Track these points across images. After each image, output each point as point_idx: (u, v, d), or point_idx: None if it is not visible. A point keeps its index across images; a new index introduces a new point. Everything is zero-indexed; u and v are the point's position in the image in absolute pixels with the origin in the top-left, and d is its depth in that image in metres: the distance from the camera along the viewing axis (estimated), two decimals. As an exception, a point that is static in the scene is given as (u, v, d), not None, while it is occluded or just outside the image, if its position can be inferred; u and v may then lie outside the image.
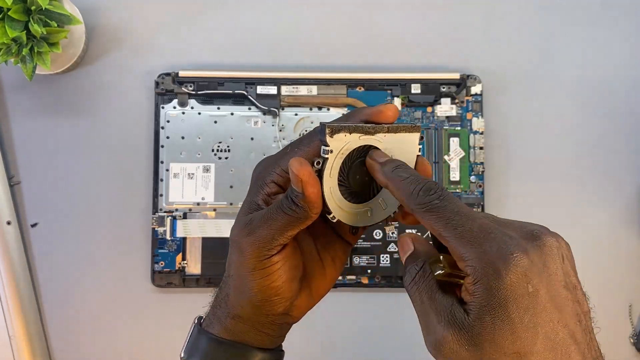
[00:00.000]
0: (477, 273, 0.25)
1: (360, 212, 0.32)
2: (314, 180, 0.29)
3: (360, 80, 0.64)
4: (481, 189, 0.63)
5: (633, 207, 0.65)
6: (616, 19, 0.66)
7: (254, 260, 0.31)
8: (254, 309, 0.33)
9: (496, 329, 0.24)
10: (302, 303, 0.34)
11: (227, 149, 0.63)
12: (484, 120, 0.64)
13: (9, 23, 0.53)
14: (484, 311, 0.25)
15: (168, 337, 0.63)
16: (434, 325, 0.26)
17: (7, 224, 0.61)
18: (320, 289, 0.35)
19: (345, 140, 0.30)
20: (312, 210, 0.30)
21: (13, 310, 0.61)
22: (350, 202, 0.32)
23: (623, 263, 0.65)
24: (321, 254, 0.35)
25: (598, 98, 0.66)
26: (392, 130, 0.31)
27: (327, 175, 0.30)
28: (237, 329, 0.34)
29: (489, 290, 0.25)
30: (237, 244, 0.32)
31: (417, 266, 0.28)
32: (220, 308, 0.34)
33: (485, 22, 0.66)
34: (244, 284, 0.32)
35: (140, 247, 0.63)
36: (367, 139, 0.31)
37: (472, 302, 0.25)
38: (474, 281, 0.25)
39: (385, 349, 0.63)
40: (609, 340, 0.64)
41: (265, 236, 0.30)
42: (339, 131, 0.30)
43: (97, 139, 0.64)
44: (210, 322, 0.35)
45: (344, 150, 0.30)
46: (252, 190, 0.33)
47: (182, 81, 0.63)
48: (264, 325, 0.34)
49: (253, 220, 0.31)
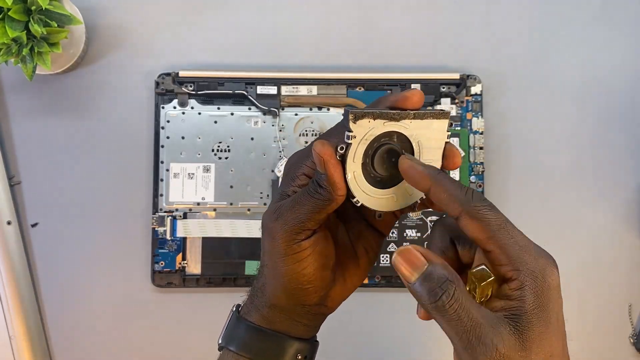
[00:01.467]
0: (526, 278, 0.27)
1: (385, 198, 0.32)
2: (336, 161, 0.30)
3: (360, 80, 0.64)
4: (481, 189, 0.63)
5: (633, 207, 0.65)
6: (616, 19, 0.66)
7: (284, 244, 0.32)
8: (289, 297, 0.33)
9: (542, 330, 0.26)
10: (337, 293, 0.34)
11: (227, 149, 0.63)
12: (484, 120, 0.64)
13: (9, 23, 0.53)
14: (533, 314, 0.26)
15: (168, 337, 0.63)
16: (490, 337, 0.26)
17: (7, 224, 0.61)
18: (354, 279, 0.35)
19: (369, 127, 0.30)
20: (336, 191, 0.30)
21: (13, 310, 0.61)
22: (375, 187, 0.32)
23: (623, 263, 0.65)
24: (354, 244, 0.35)
25: (598, 98, 0.66)
26: (419, 117, 0.31)
27: (351, 160, 0.30)
28: (274, 318, 0.34)
29: (537, 295, 0.27)
30: (268, 229, 0.33)
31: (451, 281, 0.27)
32: (257, 297, 0.35)
33: (485, 22, 0.66)
34: (277, 270, 0.33)
35: (141, 247, 0.63)
36: (392, 125, 0.31)
37: (519, 307, 0.26)
38: (519, 286, 0.27)
39: (385, 348, 0.63)
40: (609, 340, 0.64)
41: (293, 219, 0.31)
42: (362, 117, 0.30)
43: (97, 139, 0.64)
44: (248, 310, 0.35)
45: (367, 136, 0.30)
46: (283, 182, 0.34)
47: (182, 81, 0.63)
48: (300, 315, 0.34)
49: (282, 206, 0.32)
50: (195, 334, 0.63)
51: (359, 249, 0.35)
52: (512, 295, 0.27)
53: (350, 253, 0.35)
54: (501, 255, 0.27)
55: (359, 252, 0.35)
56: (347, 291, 0.35)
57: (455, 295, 0.26)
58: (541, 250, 0.28)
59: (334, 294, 0.34)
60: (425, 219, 0.63)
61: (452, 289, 0.27)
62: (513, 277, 0.27)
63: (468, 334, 0.26)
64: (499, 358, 0.26)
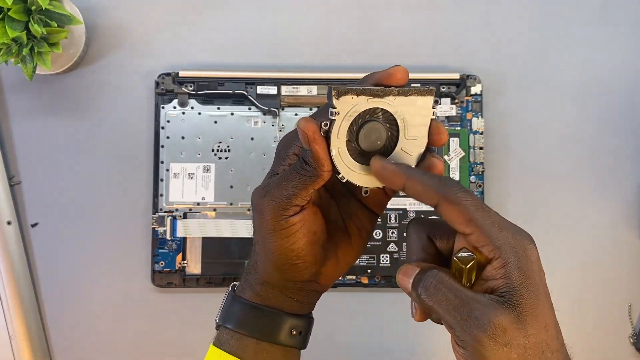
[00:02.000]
0: (508, 255, 0.27)
1: (370, 174, 0.32)
2: (320, 137, 0.30)
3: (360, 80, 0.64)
4: (481, 189, 0.63)
5: (633, 207, 0.65)
6: (616, 19, 0.66)
7: (272, 220, 0.32)
8: (279, 273, 0.34)
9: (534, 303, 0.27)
10: (329, 271, 0.35)
11: (227, 149, 0.63)
12: (484, 120, 0.64)
13: (9, 23, 0.53)
14: (522, 288, 0.27)
15: (168, 337, 0.63)
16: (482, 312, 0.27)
17: (7, 224, 0.61)
18: (347, 257, 0.36)
19: (353, 103, 0.30)
20: (321, 167, 0.31)
21: (13, 310, 0.61)
22: (361, 163, 0.32)
23: (623, 263, 0.65)
24: (347, 223, 0.36)
25: (598, 98, 0.66)
26: (403, 94, 0.31)
27: (335, 136, 0.31)
28: (267, 294, 0.35)
29: (521, 270, 0.27)
30: (257, 206, 0.33)
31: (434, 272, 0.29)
32: (250, 275, 0.36)
33: (485, 22, 0.66)
34: (267, 245, 0.33)
35: (141, 247, 0.63)
36: (376, 101, 0.31)
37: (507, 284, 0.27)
38: (504, 264, 0.27)
39: (385, 348, 0.63)
40: (609, 340, 0.64)
41: (280, 195, 0.32)
42: (345, 93, 0.30)
43: (98, 139, 0.64)
44: (243, 288, 0.36)
45: (351, 113, 0.31)
46: (274, 162, 0.35)
47: (182, 81, 0.63)
48: (293, 292, 0.35)
49: (270, 184, 0.33)
50: (195, 334, 0.63)
51: (351, 228, 0.36)
52: (497, 274, 0.28)
53: (342, 231, 0.36)
54: (481, 236, 0.28)
55: (352, 231, 0.36)
56: (340, 269, 0.36)
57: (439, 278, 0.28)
58: (517, 227, 0.29)
59: (326, 272, 0.35)
60: (425, 219, 0.62)
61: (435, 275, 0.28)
62: (495, 256, 0.28)
63: (461, 312, 0.27)
64: (495, 331, 0.26)
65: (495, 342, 0.26)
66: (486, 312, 0.27)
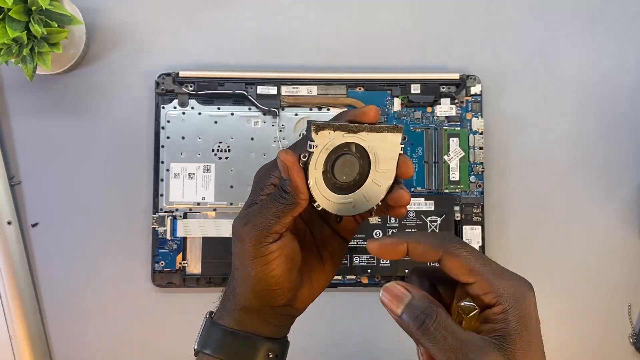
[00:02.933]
0: (509, 302, 0.29)
1: (343, 203, 0.35)
2: (298, 168, 0.33)
3: (360, 81, 0.64)
4: (481, 189, 0.63)
5: (633, 207, 0.65)
6: (615, 19, 0.66)
7: (253, 248, 0.34)
8: (258, 299, 0.35)
9: (526, 350, 0.28)
10: (304, 295, 0.37)
11: (227, 149, 0.63)
12: (484, 120, 0.64)
13: (10, 23, 0.53)
14: (516, 334, 0.28)
15: (168, 337, 0.63)
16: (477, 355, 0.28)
17: (7, 224, 0.61)
18: (321, 281, 0.38)
19: (330, 137, 0.33)
20: (299, 195, 0.33)
21: (13, 310, 0.61)
22: (335, 193, 0.34)
23: (623, 263, 0.65)
24: (320, 249, 0.38)
25: (597, 98, 0.66)
26: (375, 130, 0.34)
27: (312, 167, 0.33)
28: (245, 319, 0.36)
29: (518, 317, 0.29)
30: (238, 234, 0.35)
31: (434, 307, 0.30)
32: (229, 301, 0.37)
33: (484, 22, 0.66)
34: (247, 272, 0.35)
35: (141, 247, 0.63)
36: (351, 137, 0.33)
37: (503, 329, 0.29)
38: (503, 310, 0.29)
39: (385, 348, 0.63)
40: (609, 340, 0.64)
41: (261, 224, 0.34)
42: (323, 128, 0.33)
43: (98, 139, 0.64)
44: (221, 314, 0.37)
45: (328, 146, 0.33)
46: (252, 192, 0.36)
47: (183, 81, 0.63)
48: (269, 316, 0.36)
49: (250, 212, 0.35)
50: (195, 334, 0.63)
51: (324, 254, 0.38)
52: (497, 319, 0.29)
53: (316, 258, 0.38)
54: (483, 284, 0.30)
55: (325, 257, 0.38)
56: (314, 293, 0.37)
57: (439, 318, 0.29)
58: (517, 276, 0.31)
59: (301, 296, 0.36)
60: (424, 218, 0.63)
61: (434, 313, 0.29)
62: (497, 302, 0.29)
63: (455, 352, 0.28)
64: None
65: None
66: (480, 354, 0.28)
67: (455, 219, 0.63)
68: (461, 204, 0.63)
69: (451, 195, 0.63)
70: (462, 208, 0.63)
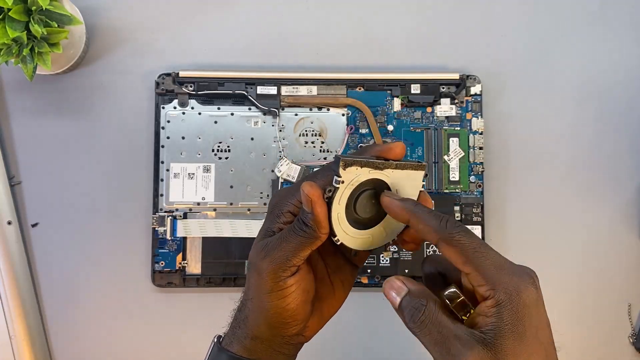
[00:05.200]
0: (502, 297, 0.28)
1: (363, 238, 0.35)
2: (322, 202, 0.32)
3: (360, 81, 0.64)
4: (480, 189, 0.63)
5: (633, 207, 0.65)
6: (615, 19, 0.66)
7: (271, 281, 0.33)
8: (271, 329, 0.35)
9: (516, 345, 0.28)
10: (314, 324, 0.37)
11: (227, 149, 0.63)
12: (484, 120, 0.64)
13: (10, 23, 0.53)
14: (507, 329, 0.28)
15: (168, 337, 0.63)
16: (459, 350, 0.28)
17: (7, 224, 0.61)
18: (331, 309, 0.38)
19: (356, 173, 0.33)
20: (320, 229, 0.32)
21: (13, 310, 0.61)
22: (355, 228, 0.34)
23: (623, 263, 0.65)
24: (332, 277, 0.38)
25: (597, 97, 0.66)
26: (400, 167, 0.34)
27: (337, 202, 0.33)
28: (255, 348, 0.36)
29: (512, 312, 0.28)
30: (255, 266, 0.34)
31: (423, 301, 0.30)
32: (239, 329, 0.36)
33: (484, 22, 0.66)
34: (262, 305, 0.34)
35: (141, 247, 0.63)
36: (377, 173, 0.34)
37: (494, 323, 0.28)
38: (496, 304, 0.28)
39: (385, 348, 0.63)
40: (609, 340, 0.64)
41: (280, 257, 0.33)
42: (351, 164, 0.33)
43: (98, 139, 0.64)
44: (230, 341, 0.37)
45: (354, 182, 0.33)
46: (268, 219, 0.36)
47: (183, 81, 0.63)
48: (280, 346, 0.36)
49: (269, 244, 0.34)
50: (195, 334, 0.63)
51: (335, 282, 0.38)
52: (489, 312, 0.29)
53: (328, 286, 0.37)
54: (478, 276, 0.29)
55: (336, 285, 0.38)
56: (324, 321, 0.37)
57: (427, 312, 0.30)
58: (518, 268, 0.30)
59: (312, 325, 0.36)
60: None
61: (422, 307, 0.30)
62: (490, 295, 0.29)
63: (440, 347, 0.29)
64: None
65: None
66: (463, 350, 0.28)
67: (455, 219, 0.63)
68: (461, 204, 0.63)
69: (451, 195, 0.63)
70: (462, 208, 0.63)
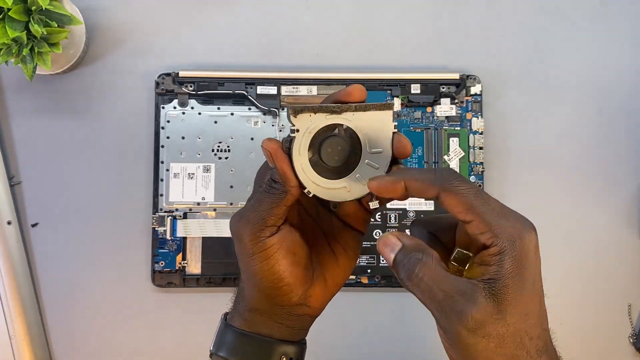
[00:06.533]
0: (505, 244, 0.27)
1: (337, 189, 0.33)
2: (282, 154, 0.32)
3: (360, 80, 0.64)
4: (481, 189, 0.63)
5: (633, 207, 0.65)
6: (615, 19, 0.66)
7: (250, 243, 0.33)
8: (266, 298, 0.34)
9: (517, 294, 0.27)
10: (318, 293, 0.35)
11: (227, 149, 0.63)
12: (484, 120, 0.64)
13: (10, 23, 0.53)
14: (510, 277, 0.27)
15: (168, 337, 0.63)
16: (463, 305, 0.27)
17: (7, 224, 0.61)
18: (336, 278, 0.36)
19: (311, 120, 0.32)
20: (288, 182, 0.32)
21: (13, 310, 0.61)
22: (327, 178, 0.33)
23: (623, 263, 0.65)
24: (332, 244, 0.36)
25: (597, 98, 0.66)
26: (361, 109, 0.32)
27: (297, 153, 0.32)
28: (256, 321, 0.35)
29: (515, 259, 0.27)
30: (235, 232, 0.34)
31: (420, 254, 0.29)
32: (239, 302, 0.36)
33: (484, 22, 0.66)
34: (249, 270, 0.34)
35: (141, 247, 0.63)
36: (334, 117, 0.32)
37: (496, 272, 0.27)
38: (499, 251, 0.27)
39: (385, 348, 0.63)
40: (609, 339, 0.64)
41: (255, 217, 0.33)
42: (302, 111, 0.32)
43: (98, 139, 0.64)
44: (232, 316, 0.36)
45: (311, 130, 0.32)
46: (253, 191, 0.36)
47: (182, 81, 0.63)
48: (281, 317, 0.35)
49: (244, 208, 0.34)
50: (195, 334, 0.63)
51: (337, 249, 0.36)
52: (491, 261, 0.28)
53: (328, 253, 0.36)
54: (481, 223, 0.28)
55: (338, 252, 0.36)
56: (330, 291, 0.36)
57: (425, 267, 0.28)
58: (518, 215, 0.29)
59: (315, 294, 0.35)
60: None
61: (419, 264, 0.28)
62: (493, 243, 0.28)
63: (442, 304, 0.28)
64: (474, 324, 0.27)
65: (475, 335, 0.27)
66: (467, 305, 0.27)
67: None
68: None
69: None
70: (462, 208, 0.63)
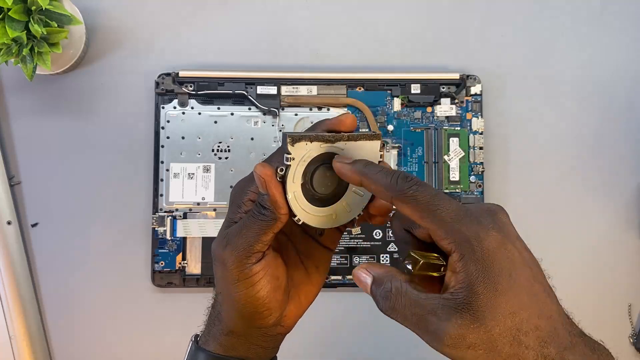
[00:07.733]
0: (464, 248, 0.27)
1: (325, 215, 0.34)
2: (276, 181, 0.31)
3: (360, 80, 0.64)
4: (481, 188, 0.63)
5: (633, 207, 0.65)
6: (615, 19, 0.66)
7: (236, 270, 0.32)
8: (245, 322, 0.34)
9: (491, 295, 0.26)
10: (292, 312, 0.35)
11: (227, 149, 0.63)
12: (484, 120, 0.64)
13: (9, 23, 0.53)
14: (477, 283, 0.26)
15: (168, 337, 0.63)
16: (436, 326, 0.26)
17: (7, 224, 0.61)
18: (309, 295, 0.36)
19: (307, 149, 0.32)
20: (279, 210, 0.31)
21: (13, 310, 0.61)
22: (316, 205, 0.33)
23: (623, 263, 0.65)
24: (305, 262, 0.36)
25: (597, 97, 0.66)
26: (352, 139, 0.33)
27: (290, 180, 0.32)
28: (232, 344, 0.35)
29: (477, 261, 0.26)
30: (219, 257, 0.33)
31: (389, 284, 0.29)
32: (214, 325, 0.35)
33: (484, 22, 0.66)
34: (231, 296, 0.33)
35: (141, 247, 0.63)
36: (328, 146, 0.33)
37: (464, 280, 0.26)
38: (460, 257, 0.27)
39: (384, 348, 0.63)
40: (609, 339, 0.64)
41: (242, 244, 0.32)
42: (299, 140, 0.32)
43: (98, 139, 0.64)
44: (206, 339, 0.36)
45: (305, 158, 0.32)
46: (230, 210, 0.35)
47: (182, 81, 0.63)
48: (257, 339, 0.35)
49: (230, 233, 0.33)
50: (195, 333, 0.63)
51: (309, 267, 0.36)
52: (457, 268, 0.27)
53: (301, 272, 0.36)
54: (437, 231, 0.28)
55: (310, 270, 0.36)
56: (302, 308, 0.36)
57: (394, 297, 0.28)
58: (476, 211, 0.28)
59: (289, 313, 0.35)
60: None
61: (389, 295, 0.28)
62: (452, 249, 0.27)
63: (418, 327, 0.27)
64: (452, 340, 0.26)
65: (458, 349, 0.26)
66: (440, 325, 0.26)
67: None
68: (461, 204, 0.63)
69: (451, 195, 0.63)
70: (462, 208, 0.63)
